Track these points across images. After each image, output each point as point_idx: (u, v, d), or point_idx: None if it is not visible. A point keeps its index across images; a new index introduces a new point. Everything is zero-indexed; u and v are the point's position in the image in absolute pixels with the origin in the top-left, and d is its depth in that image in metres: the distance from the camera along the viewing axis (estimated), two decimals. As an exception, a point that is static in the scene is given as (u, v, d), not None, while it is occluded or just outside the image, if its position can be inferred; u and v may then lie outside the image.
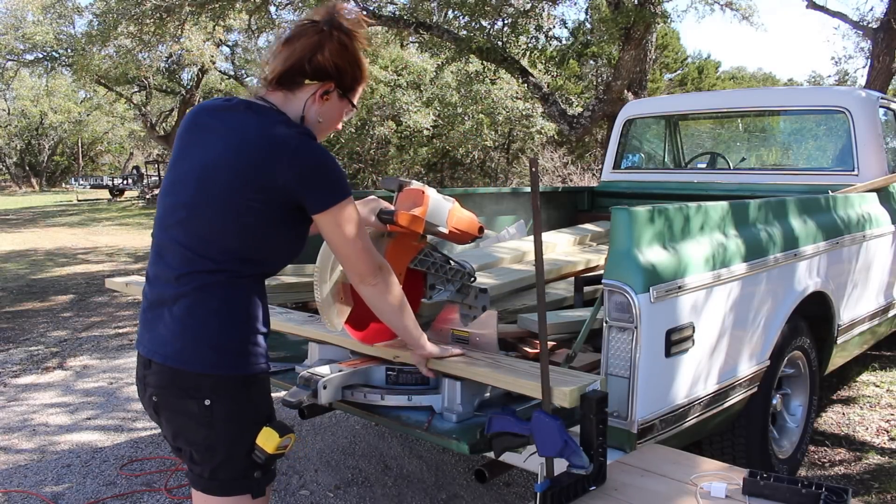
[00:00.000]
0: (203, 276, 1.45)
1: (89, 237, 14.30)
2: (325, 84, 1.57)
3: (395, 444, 3.47)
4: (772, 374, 2.62)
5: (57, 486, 3.09)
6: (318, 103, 1.57)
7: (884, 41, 9.07)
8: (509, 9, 9.34)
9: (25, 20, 19.24)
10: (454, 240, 2.13)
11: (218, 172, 1.46)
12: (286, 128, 1.48)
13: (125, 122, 30.47)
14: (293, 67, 1.54)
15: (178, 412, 1.46)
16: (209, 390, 1.43)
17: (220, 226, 1.45)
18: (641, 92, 8.93)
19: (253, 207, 1.44)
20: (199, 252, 1.46)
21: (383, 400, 1.95)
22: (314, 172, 1.47)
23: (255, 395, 1.49)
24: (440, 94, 15.98)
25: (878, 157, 3.77)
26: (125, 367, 4.91)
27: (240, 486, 1.48)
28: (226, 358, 1.44)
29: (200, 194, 1.47)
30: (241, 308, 1.47)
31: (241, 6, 10.31)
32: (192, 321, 1.44)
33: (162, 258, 1.51)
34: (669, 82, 26.12)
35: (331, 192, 1.48)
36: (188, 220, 1.47)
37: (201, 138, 1.52)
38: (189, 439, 1.47)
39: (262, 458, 1.46)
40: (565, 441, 1.54)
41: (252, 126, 1.48)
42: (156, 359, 1.47)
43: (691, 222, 2.23)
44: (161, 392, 1.47)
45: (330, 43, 1.53)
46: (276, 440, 1.44)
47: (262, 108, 1.53)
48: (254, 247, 1.48)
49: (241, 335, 1.47)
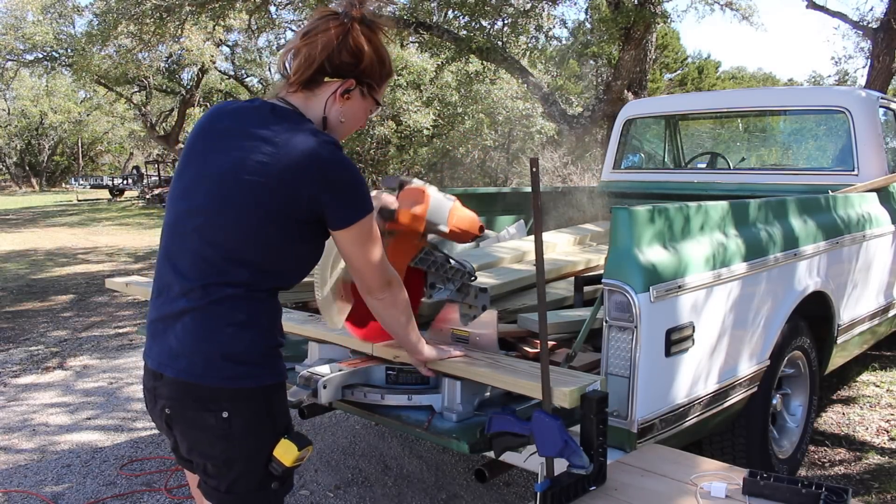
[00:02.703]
0: (218, 288, 1.38)
1: (89, 237, 14.31)
2: (347, 82, 1.48)
3: (395, 444, 3.47)
4: (772, 374, 2.62)
5: (57, 486, 3.09)
6: (340, 102, 1.49)
7: (884, 41, 9.07)
8: (509, 9, 9.34)
9: (25, 20, 19.25)
10: (455, 239, 2.13)
11: (239, 180, 1.37)
12: (313, 137, 1.40)
13: (125, 122, 30.47)
14: (311, 64, 1.44)
15: (194, 426, 1.40)
16: (227, 403, 1.37)
17: (239, 236, 1.38)
18: (641, 92, 8.93)
19: (274, 219, 1.37)
20: (214, 262, 1.38)
21: (383, 399, 1.95)
22: (340, 187, 1.39)
23: (274, 407, 1.44)
24: (440, 94, 15.98)
25: (878, 157, 3.77)
26: (125, 367, 4.91)
27: (257, 499, 1.43)
28: (244, 370, 1.38)
29: (219, 201, 1.38)
30: (258, 321, 1.41)
31: (241, 6, 10.31)
32: (206, 334, 1.38)
33: (173, 267, 1.43)
34: (669, 82, 26.13)
35: (354, 210, 1.42)
36: (204, 228, 1.39)
37: (222, 143, 1.43)
38: (205, 453, 1.41)
39: (278, 471, 1.41)
40: (565, 441, 1.54)
41: (277, 133, 1.39)
42: (167, 372, 1.40)
43: (691, 222, 2.23)
44: (175, 405, 1.41)
45: (352, 36, 1.45)
46: (295, 453, 1.40)
47: (287, 112, 1.45)
48: (272, 259, 1.41)
49: (259, 347, 1.41)
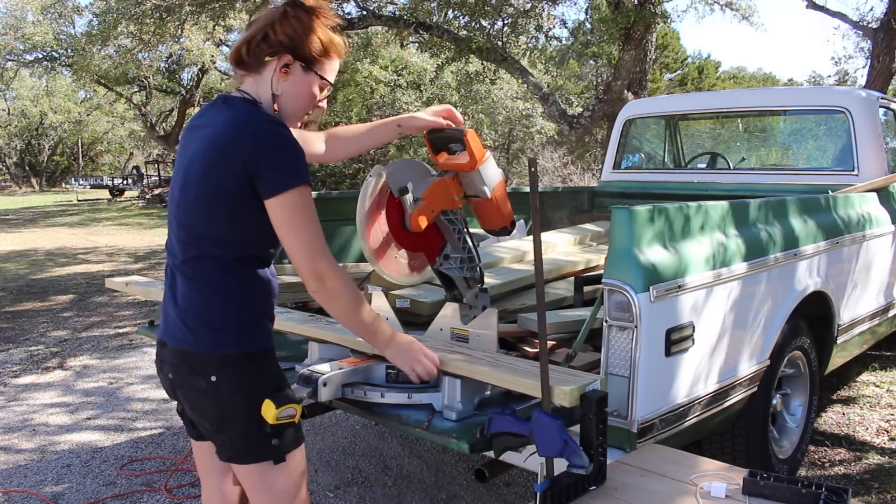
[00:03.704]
0: (196, 262, 1.56)
1: (89, 237, 14.31)
2: (283, 57, 1.58)
3: (395, 444, 3.47)
4: (772, 374, 2.62)
5: (57, 486, 3.09)
6: (281, 78, 1.59)
7: (884, 41, 9.07)
8: (509, 9, 9.34)
9: (25, 20, 19.24)
10: (488, 216, 2.15)
11: (193, 165, 1.55)
12: (253, 114, 1.54)
13: (125, 122, 30.47)
14: (249, 44, 1.58)
15: (191, 388, 1.58)
16: (214, 368, 1.53)
17: (198, 214, 1.54)
18: (641, 92, 8.93)
19: (220, 191, 1.50)
20: (189, 242, 1.57)
21: (383, 397, 1.94)
22: (271, 154, 1.49)
23: (257, 371, 1.57)
24: (440, 94, 15.98)
25: (878, 157, 3.77)
26: (125, 367, 4.92)
27: (257, 454, 1.57)
28: (223, 338, 1.54)
29: (184, 188, 1.57)
30: (233, 291, 1.56)
31: (241, 6, 10.30)
32: (190, 306, 1.56)
33: (170, 250, 1.64)
34: (669, 82, 26.14)
35: (285, 176, 1.49)
36: (178, 214, 1.59)
37: (189, 139, 1.62)
38: (202, 412, 1.59)
39: (268, 429, 1.55)
40: (565, 441, 1.53)
41: (223, 117, 1.55)
42: (169, 341, 1.60)
43: (691, 222, 2.23)
44: (175, 370, 1.59)
45: (284, 18, 1.57)
46: (274, 411, 1.53)
47: (235, 99, 1.59)
48: (231, 230, 1.54)
49: (237, 317, 1.55)
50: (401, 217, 2.13)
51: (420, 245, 2.20)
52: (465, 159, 2.06)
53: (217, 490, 1.79)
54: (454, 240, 2.17)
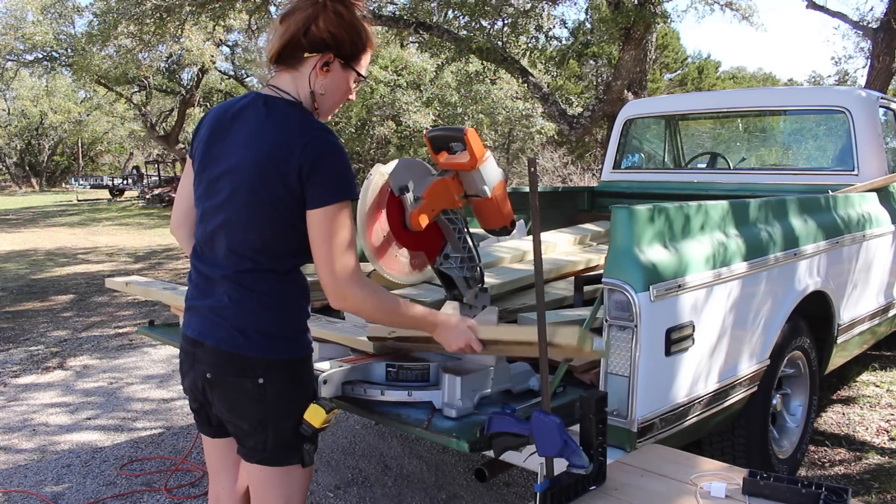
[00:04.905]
0: (251, 274, 1.55)
1: (89, 237, 14.31)
2: (325, 55, 1.56)
3: (395, 444, 3.47)
4: (772, 374, 2.62)
5: (57, 486, 3.09)
6: (321, 76, 1.57)
7: (884, 41, 9.07)
8: (509, 9, 9.34)
9: (25, 20, 19.23)
10: (487, 213, 2.15)
11: (243, 174, 1.52)
12: (307, 123, 1.52)
13: (125, 122, 30.43)
14: (290, 42, 1.54)
15: (234, 390, 1.57)
16: (263, 371, 1.54)
17: (252, 225, 1.52)
18: (641, 92, 8.93)
19: (278, 207, 1.50)
20: (241, 253, 1.55)
21: (383, 395, 1.95)
22: (325, 162, 1.47)
23: (303, 375, 1.61)
24: (440, 94, 15.99)
25: (878, 157, 3.77)
26: (125, 367, 4.91)
27: (290, 457, 1.60)
28: (279, 344, 1.56)
29: (233, 197, 1.53)
30: (287, 299, 1.57)
31: (241, 6, 10.31)
32: (245, 312, 1.55)
33: (207, 256, 1.61)
34: (669, 82, 26.14)
35: (336, 188, 1.48)
36: (227, 223, 1.55)
37: (227, 142, 1.57)
38: (242, 414, 1.58)
39: (308, 432, 1.59)
40: (565, 441, 1.53)
41: (273, 124, 1.52)
42: (208, 341, 1.57)
43: (691, 221, 2.23)
44: (216, 370, 1.58)
45: (325, 13, 1.53)
46: (323, 415, 1.58)
47: (277, 102, 1.55)
48: (284, 240, 1.54)
49: (290, 324, 1.58)
50: (401, 216, 2.14)
51: (420, 244, 2.20)
52: (465, 159, 2.07)
53: (229, 487, 1.80)
54: (454, 239, 2.17)
